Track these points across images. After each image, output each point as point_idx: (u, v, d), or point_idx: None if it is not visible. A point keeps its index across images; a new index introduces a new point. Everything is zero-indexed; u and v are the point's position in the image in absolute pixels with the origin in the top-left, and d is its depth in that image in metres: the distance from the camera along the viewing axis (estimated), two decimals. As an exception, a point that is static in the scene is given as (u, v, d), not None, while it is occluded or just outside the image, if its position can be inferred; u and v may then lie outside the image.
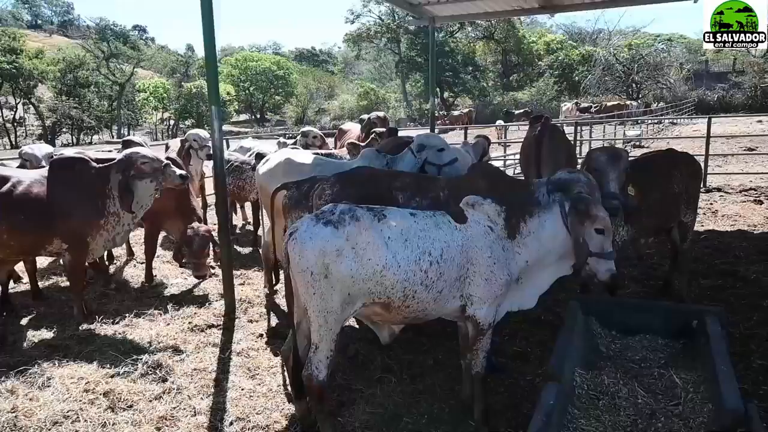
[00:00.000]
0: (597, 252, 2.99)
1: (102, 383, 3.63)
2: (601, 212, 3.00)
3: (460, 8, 9.19)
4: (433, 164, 4.45)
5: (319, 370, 2.88)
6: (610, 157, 3.90)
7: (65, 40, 68.95)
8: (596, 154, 3.97)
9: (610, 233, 3.03)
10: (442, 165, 4.44)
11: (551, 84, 44.86)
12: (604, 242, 3.00)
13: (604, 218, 2.99)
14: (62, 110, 45.70)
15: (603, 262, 3.00)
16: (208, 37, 4.47)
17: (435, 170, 4.41)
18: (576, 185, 3.50)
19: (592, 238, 2.98)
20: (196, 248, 5.09)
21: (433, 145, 4.50)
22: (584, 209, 2.99)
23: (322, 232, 2.78)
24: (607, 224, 3.00)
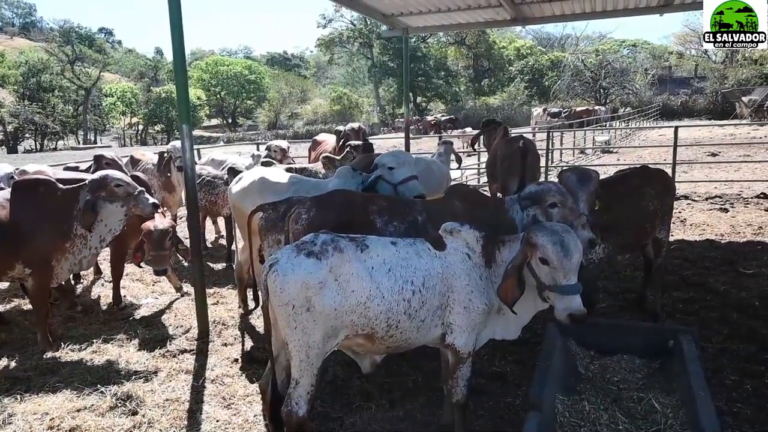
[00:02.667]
0: (549, 285, 2.75)
1: (68, 418, 3.47)
2: (544, 239, 2.73)
3: (432, 20, 9.20)
4: (387, 182, 4.39)
5: (299, 406, 2.80)
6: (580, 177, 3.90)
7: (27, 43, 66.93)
8: (565, 174, 3.98)
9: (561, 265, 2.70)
10: (395, 184, 4.31)
11: (522, 89, 45.61)
12: (555, 274, 2.72)
13: (545, 246, 2.71)
14: (25, 115, 44.37)
15: (558, 297, 2.72)
16: (178, 56, 4.35)
17: (389, 189, 4.32)
18: (548, 195, 3.51)
19: (539, 268, 2.78)
20: (156, 239, 4.82)
21: (383, 163, 4.42)
22: (526, 237, 2.82)
23: (304, 263, 2.70)
24: (549, 255, 2.71)
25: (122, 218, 4.65)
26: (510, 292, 2.82)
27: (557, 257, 2.70)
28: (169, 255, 5.00)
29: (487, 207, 3.73)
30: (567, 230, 2.84)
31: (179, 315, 5.37)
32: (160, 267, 4.92)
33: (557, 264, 2.71)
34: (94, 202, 4.40)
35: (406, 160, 4.30)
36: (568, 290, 2.70)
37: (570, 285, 2.71)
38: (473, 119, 39.32)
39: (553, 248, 2.71)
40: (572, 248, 2.74)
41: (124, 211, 4.58)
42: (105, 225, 4.55)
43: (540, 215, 3.45)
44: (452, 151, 7.62)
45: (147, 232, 4.84)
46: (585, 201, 3.72)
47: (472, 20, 9.16)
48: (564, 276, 2.71)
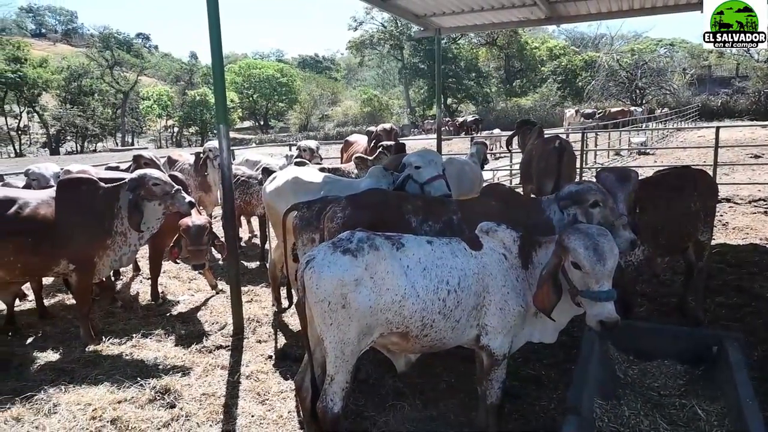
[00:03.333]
0: (581, 290, 2.67)
1: (109, 410, 3.56)
2: (576, 243, 2.66)
3: (465, 20, 9.14)
4: (415, 182, 4.36)
5: (335, 402, 2.81)
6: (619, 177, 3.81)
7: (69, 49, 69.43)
8: (604, 173, 3.89)
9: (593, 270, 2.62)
10: (422, 183, 4.27)
11: (554, 90, 44.88)
12: (587, 279, 2.65)
13: (576, 250, 2.64)
14: (66, 118, 46.00)
15: (590, 303, 2.64)
16: (217, 59, 4.43)
17: (417, 188, 4.29)
18: (589, 195, 3.43)
19: (572, 272, 2.72)
20: (194, 234, 4.97)
21: (410, 162, 4.39)
22: (559, 240, 2.75)
23: (340, 260, 2.71)
24: (581, 259, 2.63)
25: (160, 216, 4.76)
26: (546, 298, 2.75)
27: (589, 262, 2.63)
28: (207, 251, 5.12)
29: (523, 207, 3.68)
30: (603, 233, 2.74)
31: (215, 312, 5.46)
32: (198, 262, 5.04)
33: (589, 269, 2.63)
34: (137, 201, 4.52)
35: (432, 159, 4.27)
36: (600, 297, 2.62)
37: (602, 291, 2.63)
38: (504, 121, 38.94)
39: (585, 252, 2.64)
40: (607, 253, 2.65)
41: (162, 209, 4.69)
42: (144, 223, 4.67)
43: (580, 215, 3.38)
44: (484, 152, 7.57)
45: (185, 228, 4.96)
46: (624, 201, 3.63)
47: (506, 20, 9.07)
48: (596, 282, 2.64)
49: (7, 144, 46.62)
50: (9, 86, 44.17)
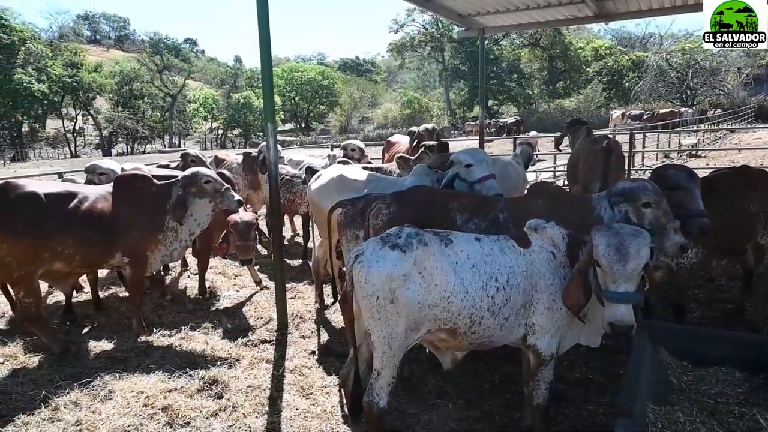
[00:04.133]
0: (601, 290, 2.63)
1: (160, 398, 3.68)
2: (601, 242, 2.62)
3: (510, 19, 9.02)
4: (464, 180, 4.32)
5: (380, 397, 2.82)
6: (690, 174, 3.70)
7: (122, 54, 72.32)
8: (673, 171, 3.75)
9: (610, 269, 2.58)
10: (472, 182, 4.21)
11: (600, 91, 43.73)
12: (605, 279, 2.61)
13: (598, 248, 2.61)
14: (118, 121, 47.91)
15: (607, 303, 2.60)
16: (266, 59, 4.53)
17: (466, 187, 4.24)
18: (643, 194, 3.32)
19: (597, 270, 2.67)
20: (242, 229, 5.12)
21: (460, 161, 4.32)
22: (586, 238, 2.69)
23: (388, 255, 2.73)
24: (599, 258, 2.60)
25: (210, 213, 4.89)
26: (574, 296, 2.70)
27: (607, 260, 2.58)
28: (254, 246, 5.23)
29: (571, 205, 3.60)
30: (635, 234, 2.64)
31: (259, 307, 5.57)
32: (246, 257, 5.17)
33: (606, 267, 2.59)
34: (185, 198, 4.66)
35: (483, 158, 4.21)
36: (614, 297, 2.57)
37: (617, 292, 2.56)
38: (547, 123, 38.25)
39: (605, 250, 2.59)
40: (630, 254, 2.57)
41: (212, 206, 4.82)
42: (194, 219, 4.81)
43: (631, 214, 3.29)
44: (529, 152, 7.45)
45: (234, 223, 5.10)
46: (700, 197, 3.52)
47: (552, 18, 8.89)
48: (613, 281, 2.58)
49: (63, 145, 48.98)
50: (66, 90, 46.42)
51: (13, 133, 45.29)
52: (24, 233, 4.10)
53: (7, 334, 4.89)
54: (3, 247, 4.07)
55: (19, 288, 4.31)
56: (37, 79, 43.71)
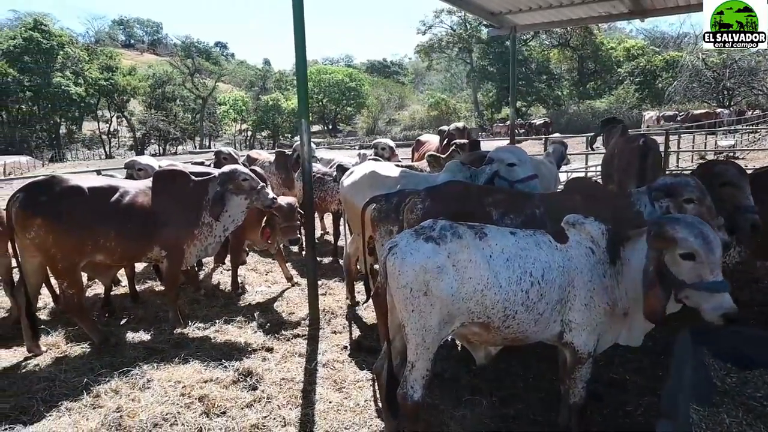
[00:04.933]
0: (693, 283, 2.52)
1: (197, 388, 3.75)
2: (684, 233, 2.53)
3: (542, 16, 8.90)
4: (504, 179, 4.24)
5: (415, 390, 2.82)
6: (740, 170, 3.61)
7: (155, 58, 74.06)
8: (723, 167, 3.66)
9: (707, 259, 2.49)
10: (514, 181, 4.13)
11: (632, 92, 42.82)
12: (701, 270, 2.50)
13: (687, 240, 2.52)
14: (151, 122, 49.07)
15: (706, 296, 2.49)
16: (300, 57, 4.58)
17: (506, 186, 4.17)
18: (686, 189, 3.24)
19: (679, 266, 2.57)
20: (287, 211, 5.39)
21: (502, 159, 4.24)
22: (658, 232, 2.59)
23: (423, 247, 2.72)
24: (695, 248, 2.51)
25: (244, 210, 4.97)
26: (658, 303, 2.56)
27: (704, 250, 2.49)
28: (299, 227, 5.40)
29: (610, 201, 3.54)
30: (700, 221, 2.64)
31: (291, 303, 5.62)
32: (293, 237, 5.41)
33: (705, 258, 2.49)
34: (223, 194, 4.75)
35: (525, 157, 4.15)
36: (719, 287, 2.47)
37: (719, 282, 2.48)
38: (577, 123, 37.64)
39: (696, 240, 2.50)
40: (714, 240, 2.54)
41: (247, 203, 4.91)
42: (229, 216, 4.89)
43: (672, 209, 3.22)
44: (562, 151, 7.34)
45: (279, 207, 5.31)
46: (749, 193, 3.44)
47: (585, 15, 8.74)
48: (711, 272, 2.49)
49: (98, 147, 50.40)
50: (102, 93, 47.77)
51: (51, 134, 46.82)
52: (68, 226, 4.23)
53: (49, 324, 5.04)
54: (48, 239, 4.21)
55: (62, 279, 4.44)
56: (74, 83, 45.12)
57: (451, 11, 47.54)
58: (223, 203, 4.78)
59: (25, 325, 4.38)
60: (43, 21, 45.01)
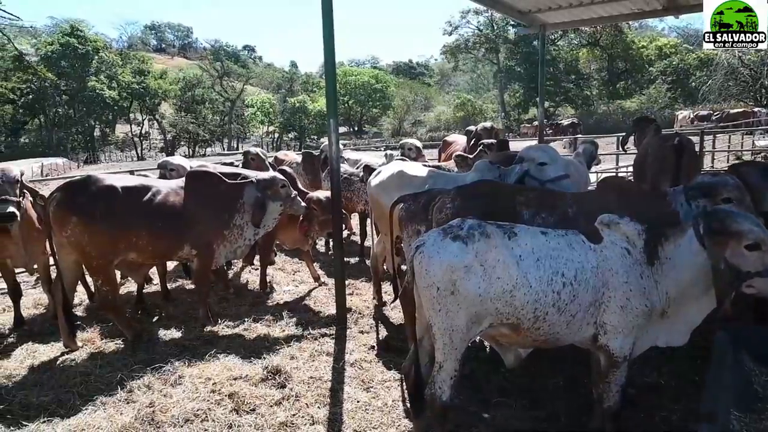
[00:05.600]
0: (759, 271, 2.55)
1: (227, 385, 3.79)
2: (746, 224, 2.55)
3: (572, 14, 8.76)
4: (534, 179, 4.17)
5: (443, 390, 2.79)
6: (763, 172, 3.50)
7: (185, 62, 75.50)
8: (747, 168, 3.56)
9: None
10: (545, 181, 4.07)
11: (664, 91, 41.80)
12: (765, 258, 2.54)
13: (752, 230, 2.53)
14: (181, 125, 50.03)
15: None
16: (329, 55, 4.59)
17: (536, 185, 4.10)
18: (724, 189, 3.16)
19: (744, 257, 2.55)
20: (326, 204, 5.53)
21: (532, 158, 4.17)
22: (720, 227, 2.58)
23: (450, 247, 2.70)
24: (761, 237, 2.53)
25: (276, 217, 5.10)
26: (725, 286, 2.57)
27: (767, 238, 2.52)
28: None
29: (645, 200, 3.45)
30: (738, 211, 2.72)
31: (318, 302, 5.65)
32: (330, 230, 5.49)
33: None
34: (264, 201, 4.85)
35: (556, 156, 4.08)
36: None
37: None
38: (607, 124, 36.95)
39: (759, 230, 2.53)
40: None
41: (281, 210, 5.04)
42: (263, 220, 4.98)
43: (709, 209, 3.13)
44: (593, 151, 7.20)
45: (316, 200, 5.53)
46: None
47: (617, 12, 8.57)
48: None
49: (130, 149, 51.64)
50: (134, 96, 48.96)
51: (86, 137, 48.16)
52: (102, 224, 4.34)
53: (85, 320, 5.18)
54: (84, 237, 4.32)
55: (97, 276, 4.55)
56: (108, 87, 46.33)
57: (478, 11, 47.24)
58: (265, 209, 4.89)
59: (62, 321, 4.50)
60: (79, 27, 46.34)
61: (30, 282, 6.62)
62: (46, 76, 35.43)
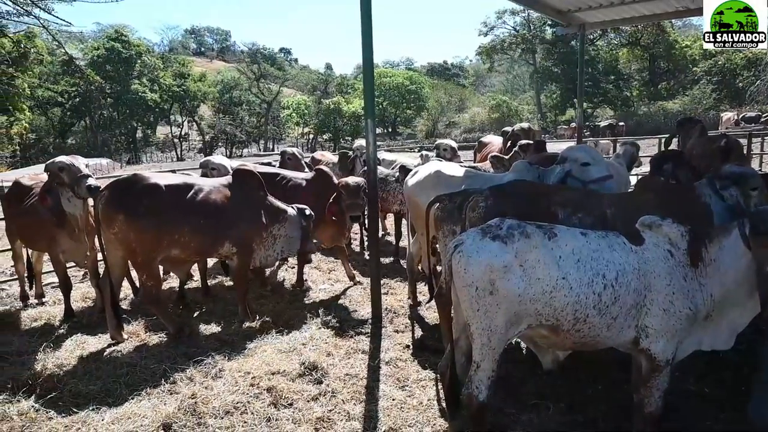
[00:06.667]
0: None
1: (265, 379, 3.87)
2: None
3: (613, 13, 8.58)
4: (576, 179, 4.10)
5: (480, 390, 2.79)
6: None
7: (223, 65, 77.12)
8: None
9: None
10: (587, 181, 4.00)
11: (708, 92, 40.38)
12: None
13: None
14: (219, 126, 51.14)
15: None
16: (367, 55, 4.63)
17: (579, 186, 4.04)
18: (752, 178, 3.15)
19: None
20: (353, 189, 5.55)
21: (575, 158, 4.10)
22: (766, 228, 2.48)
23: (489, 246, 2.70)
24: None
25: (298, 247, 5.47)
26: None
27: None
28: (363, 205, 5.55)
29: (679, 197, 3.40)
30: None
31: (353, 301, 5.71)
32: (355, 213, 5.56)
33: None
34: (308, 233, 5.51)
35: (599, 156, 4.02)
36: None
37: None
38: (648, 126, 35.98)
39: None
40: None
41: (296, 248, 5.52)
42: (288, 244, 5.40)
43: (739, 197, 3.10)
44: (633, 153, 7.04)
45: (345, 185, 5.54)
46: None
47: (660, 11, 8.35)
48: None
49: (170, 150, 53.10)
50: (175, 99, 50.34)
51: (129, 138, 49.80)
52: (147, 221, 4.49)
53: (129, 314, 5.37)
54: (130, 233, 4.48)
55: (142, 272, 4.71)
56: (150, 89, 47.78)
57: (514, 11, 46.69)
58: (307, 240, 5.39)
59: (109, 314, 4.68)
60: (123, 32, 47.97)
61: (78, 276, 6.90)
62: (95, 79, 36.82)
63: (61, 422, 3.45)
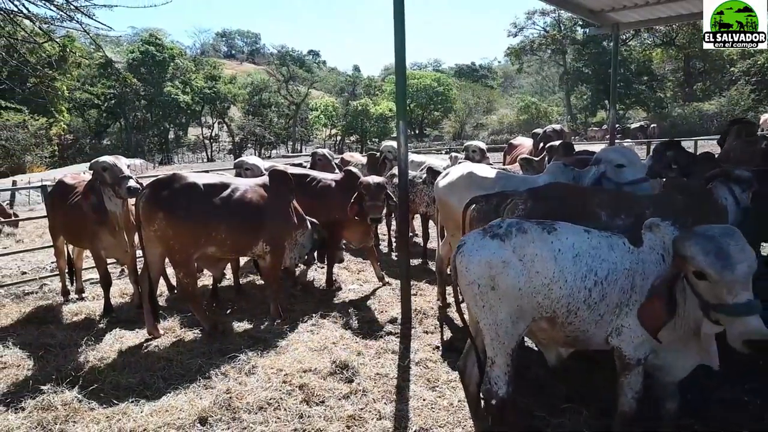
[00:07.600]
0: (714, 305, 2.30)
1: (297, 377, 3.94)
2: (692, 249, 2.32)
3: (647, 13, 8.41)
4: (611, 181, 4.04)
5: (498, 385, 2.83)
6: None
7: (253, 67, 78.24)
8: None
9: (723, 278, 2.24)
10: (622, 183, 3.93)
11: (747, 93, 39.16)
12: (717, 291, 2.28)
13: (695, 257, 2.30)
14: (248, 128, 51.94)
15: (729, 320, 2.25)
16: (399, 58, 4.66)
17: (613, 188, 4.00)
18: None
19: (696, 284, 2.38)
20: (374, 190, 5.50)
21: (610, 159, 4.04)
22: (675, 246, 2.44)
23: (488, 244, 2.78)
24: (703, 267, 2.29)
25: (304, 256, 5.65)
26: (655, 314, 2.43)
27: (714, 269, 2.25)
28: (383, 207, 5.57)
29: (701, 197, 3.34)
30: (728, 233, 2.34)
31: (382, 302, 5.75)
32: (376, 215, 5.52)
33: (716, 277, 2.26)
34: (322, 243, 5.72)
35: (635, 158, 3.95)
36: (739, 310, 2.21)
37: (740, 304, 2.21)
38: (682, 128, 35.14)
39: (707, 258, 2.27)
40: (735, 256, 2.25)
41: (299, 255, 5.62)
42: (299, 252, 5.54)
43: None
44: None
45: (366, 185, 5.50)
46: None
47: (696, 9, 8.12)
48: (729, 292, 2.24)
49: (201, 150, 54.18)
50: (206, 101, 51.36)
51: (161, 139, 51.00)
52: (185, 219, 4.61)
53: (165, 310, 5.52)
54: (168, 231, 4.61)
55: (179, 269, 4.84)
56: (182, 91, 48.86)
57: (544, 12, 46.09)
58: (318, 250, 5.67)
59: (147, 310, 4.82)
60: (157, 35, 49.22)
61: (115, 273, 7.12)
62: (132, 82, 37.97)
63: (103, 413, 3.57)
